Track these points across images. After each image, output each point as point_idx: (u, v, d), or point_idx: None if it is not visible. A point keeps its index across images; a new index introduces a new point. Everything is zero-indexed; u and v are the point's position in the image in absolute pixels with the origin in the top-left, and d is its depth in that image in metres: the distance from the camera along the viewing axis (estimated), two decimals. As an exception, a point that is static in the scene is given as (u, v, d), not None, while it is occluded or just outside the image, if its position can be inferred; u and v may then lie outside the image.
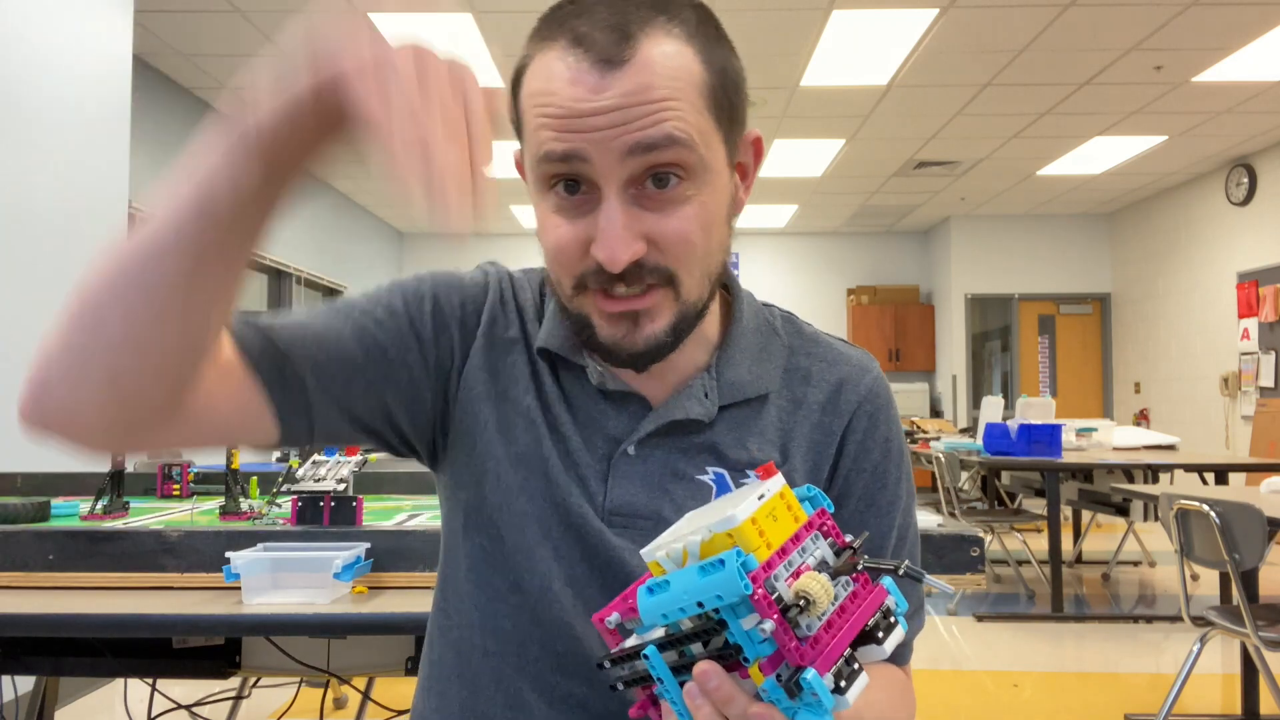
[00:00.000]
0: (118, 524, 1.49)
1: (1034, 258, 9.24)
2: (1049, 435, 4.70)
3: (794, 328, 0.83)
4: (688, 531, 0.52)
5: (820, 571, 0.50)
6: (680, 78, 0.65)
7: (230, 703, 2.51)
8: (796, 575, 0.50)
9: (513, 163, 0.76)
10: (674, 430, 0.75)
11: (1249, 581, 2.66)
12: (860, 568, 0.52)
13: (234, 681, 2.42)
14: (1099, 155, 7.02)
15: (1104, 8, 4.44)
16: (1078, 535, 5.90)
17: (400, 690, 2.98)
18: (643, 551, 0.54)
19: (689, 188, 0.66)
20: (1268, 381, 6.73)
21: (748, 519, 0.49)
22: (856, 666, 0.50)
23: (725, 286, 0.81)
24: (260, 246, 0.59)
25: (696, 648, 0.51)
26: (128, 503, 1.69)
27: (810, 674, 0.46)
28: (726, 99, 0.69)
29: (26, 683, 2.26)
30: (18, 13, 3.00)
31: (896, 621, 0.54)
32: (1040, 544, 5.18)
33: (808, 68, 5.16)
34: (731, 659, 0.50)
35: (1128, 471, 4.62)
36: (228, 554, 1.25)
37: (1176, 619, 4.31)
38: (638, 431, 0.75)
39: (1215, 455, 6.19)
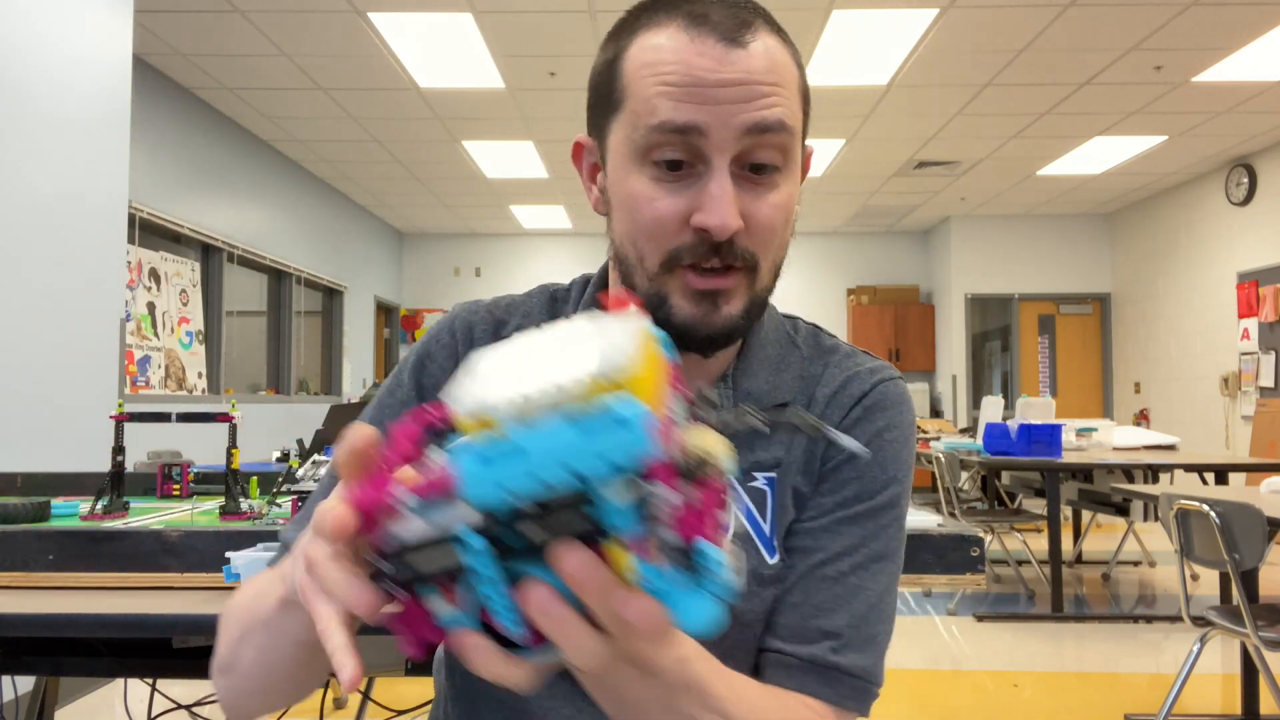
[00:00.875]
0: (118, 524, 1.49)
1: (1034, 258, 9.24)
2: (1049, 435, 4.70)
3: (815, 340, 0.82)
4: (530, 378, 0.38)
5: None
6: (785, 72, 0.68)
7: (230, 703, 2.51)
8: (668, 432, 0.39)
9: (570, 151, 0.77)
10: None
11: (1249, 581, 2.66)
12: (774, 422, 0.43)
13: (234, 681, 2.41)
14: (1099, 155, 7.02)
15: (1104, 8, 4.44)
16: (1078, 535, 5.90)
17: (400, 690, 2.98)
18: (458, 403, 0.39)
19: (781, 178, 0.69)
20: (1268, 381, 6.73)
21: (644, 368, 0.38)
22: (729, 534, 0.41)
23: None
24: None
25: (528, 530, 0.39)
26: (128, 503, 1.69)
27: (707, 544, 0.38)
28: (808, 107, 0.73)
29: (26, 683, 2.26)
30: (18, 13, 3.00)
31: (732, 497, 0.45)
32: (1040, 544, 5.18)
33: (808, 68, 5.15)
34: (575, 537, 0.39)
35: (1128, 471, 4.62)
36: (228, 554, 1.25)
37: (1176, 619, 4.31)
38: None
39: (1215, 455, 6.19)
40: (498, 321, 0.80)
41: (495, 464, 0.37)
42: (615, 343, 0.38)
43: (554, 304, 0.82)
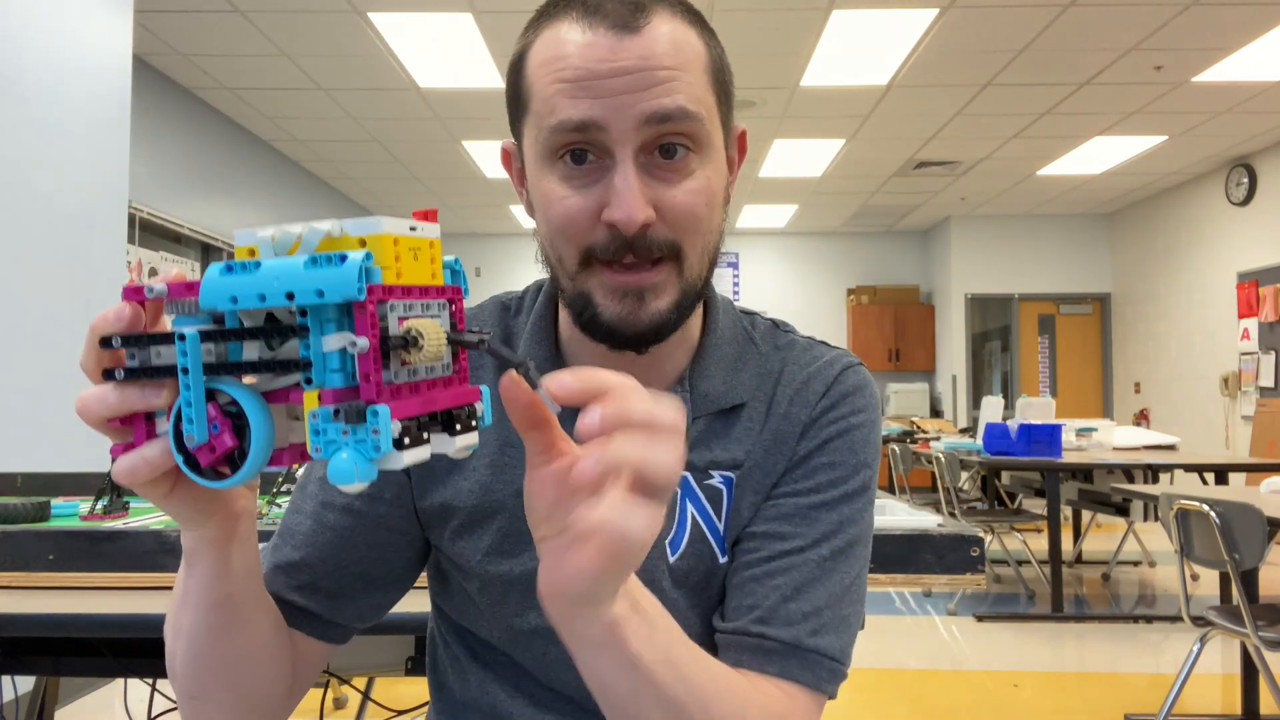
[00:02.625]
0: (118, 524, 1.49)
1: (1034, 258, 9.24)
2: (1049, 435, 4.70)
3: (773, 335, 0.81)
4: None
5: None
6: (689, 53, 0.66)
7: (230, 703, 2.51)
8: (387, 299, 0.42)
9: (499, 158, 0.76)
10: None
11: (1249, 581, 2.66)
12: (482, 349, 0.46)
13: (234, 681, 2.41)
14: (1099, 155, 7.02)
15: (1104, 8, 4.44)
16: (1078, 535, 5.90)
17: (400, 690, 2.98)
18: (238, 233, 0.44)
19: (695, 161, 0.67)
20: (1268, 381, 6.73)
21: (390, 235, 0.42)
22: (426, 438, 0.44)
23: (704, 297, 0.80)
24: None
25: (250, 352, 0.44)
26: (128, 503, 1.69)
27: (383, 408, 0.40)
28: (725, 83, 0.71)
29: (26, 683, 2.26)
30: (18, 12, 3.00)
31: (477, 427, 0.48)
32: (1040, 544, 5.18)
33: (808, 68, 5.16)
34: (285, 377, 0.43)
35: (1128, 471, 4.62)
36: (228, 554, 1.25)
37: (1176, 619, 4.31)
38: None
39: (1215, 455, 6.19)
40: None
41: (232, 275, 0.41)
42: (384, 223, 0.42)
43: (504, 313, 0.81)
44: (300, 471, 0.83)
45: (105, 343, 0.46)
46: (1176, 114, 6.05)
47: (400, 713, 1.74)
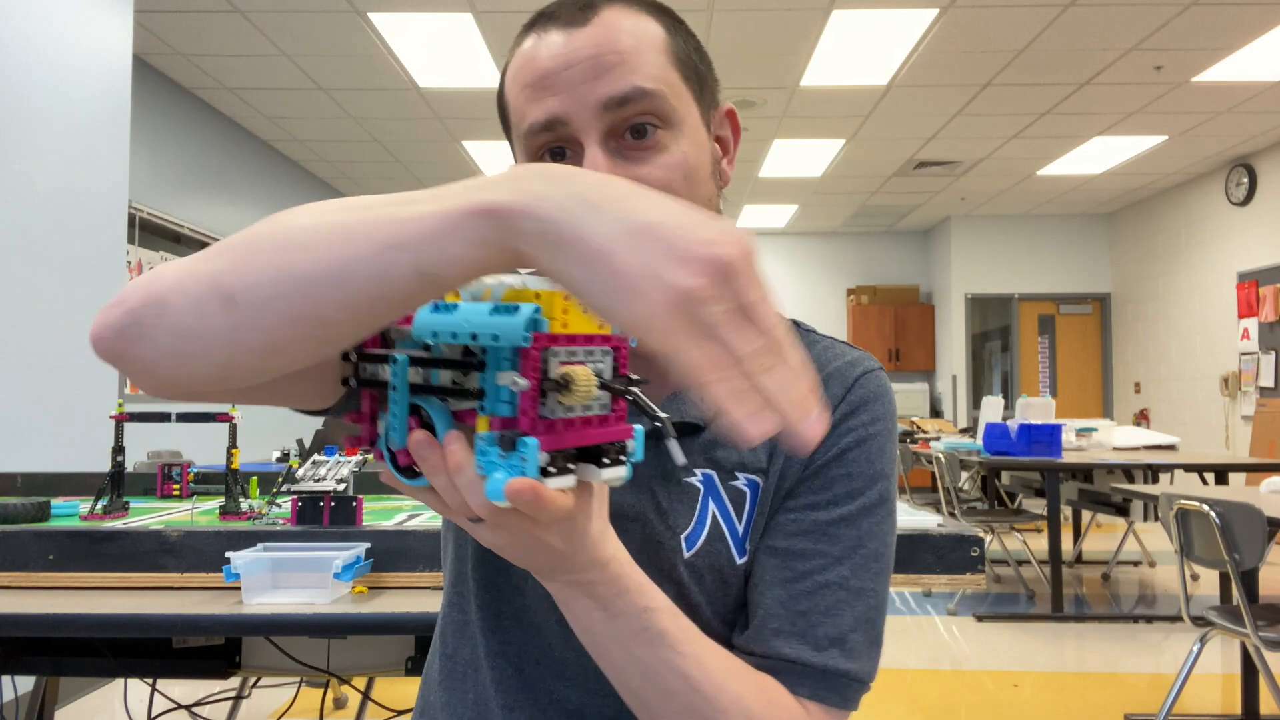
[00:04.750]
0: (118, 524, 1.49)
1: (1034, 258, 9.24)
2: (1049, 435, 4.70)
3: (795, 333, 0.81)
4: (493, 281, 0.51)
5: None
6: (641, 36, 0.68)
7: (230, 703, 2.52)
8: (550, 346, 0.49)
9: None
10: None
11: (1249, 581, 2.66)
12: (629, 399, 0.52)
13: (234, 681, 2.42)
14: (1099, 155, 7.02)
15: (1104, 8, 4.44)
16: (1078, 535, 5.90)
17: (400, 690, 2.98)
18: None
19: (667, 137, 0.68)
20: (1268, 381, 6.73)
21: (561, 291, 0.48)
22: (571, 469, 0.50)
23: None
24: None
25: (445, 377, 0.52)
26: (128, 503, 1.69)
27: (532, 440, 0.47)
28: (692, 63, 0.72)
29: (26, 683, 2.26)
30: (18, 12, 3.00)
31: (625, 462, 0.53)
32: (1040, 544, 5.18)
33: (808, 68, 5.16)
34: (468, 402, 0.51)
35: (1128, 471, 4.62)
36: (228, 554, 1.25)
37: (1176, 619, 4.31)
38: None
39: (1215, 455, 6.19)
40: None
41: (437, 314, 0.49)
42: (551, 282, 0.49)
43: None
44: None
45: (345, 355, 0.55)
46: (1176, 114, 6.05)
47: (400, 713, 1.74)
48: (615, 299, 0.40)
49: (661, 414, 0.52)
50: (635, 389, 0.52)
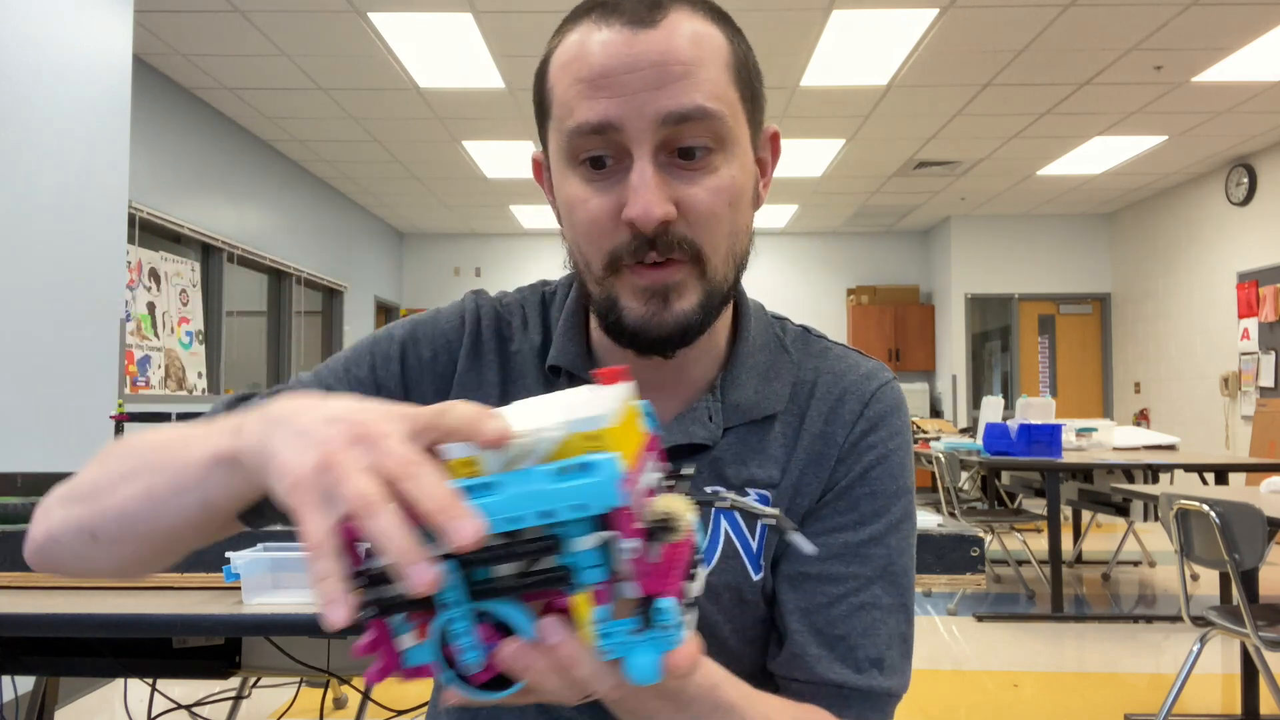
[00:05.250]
0: (118, 524, 1.49)
1: (1034, 258, 9.24)
2: (1049, 435, 4.70)
3: (805, 343, 0.80)
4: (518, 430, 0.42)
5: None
6: (708, 48, 0.65)
7: (230, 703, 2.51)
8: (636, 491, 0.42)
9: (530, 166, 0.76)
10: (677, 454, 0.73)
11: (1249, 581, 2.66)
12: (737, 509, 0.48)
13: (234, 681, 2.41)
14: (1099, 155, 7.02)
15: (1104, 8, 4.44)
16: (1078, 535, 5.90)
17: (400, 690, 2.97)
18: (448, 448, 0.43)
19: (718, 159, 0.65)
20: (1268, 381, 6.73)
21: (618, 424, 0.41)
22: (691, 600, 0.45)
23: (735, 302, 0.78)
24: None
25: (508, 568, 0.41)
26: (128, 503, 1.69)
27: (669, 601, 0.40)
28: (750, 81, 0.69)
29: (26, 683, 2.26)
30: (18, 13, 3.00)
31: (700, 561, 0.48)
32: (1040, 544, 5.18)
33: (808, 68, 5.16)
34: (544, 585, 0.41)
35: (1128, 471, 4.62)
36: (228, 554, 1.25)
37: (1176, 619, 4.31)
38: None
39: (1215, 455, 6.19)
40: (502, 322, 0.80)
41: (475, 498, 0.39)
42: (599, 405, 0.42)
43: (545, 310, 0.80)
44: None
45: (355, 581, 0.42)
46: (1176, 114, 6.05)
47: (400, 713, 1.74)
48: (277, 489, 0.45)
49: (770, 511, 0.49)
50: (731, 495, 0.48)
